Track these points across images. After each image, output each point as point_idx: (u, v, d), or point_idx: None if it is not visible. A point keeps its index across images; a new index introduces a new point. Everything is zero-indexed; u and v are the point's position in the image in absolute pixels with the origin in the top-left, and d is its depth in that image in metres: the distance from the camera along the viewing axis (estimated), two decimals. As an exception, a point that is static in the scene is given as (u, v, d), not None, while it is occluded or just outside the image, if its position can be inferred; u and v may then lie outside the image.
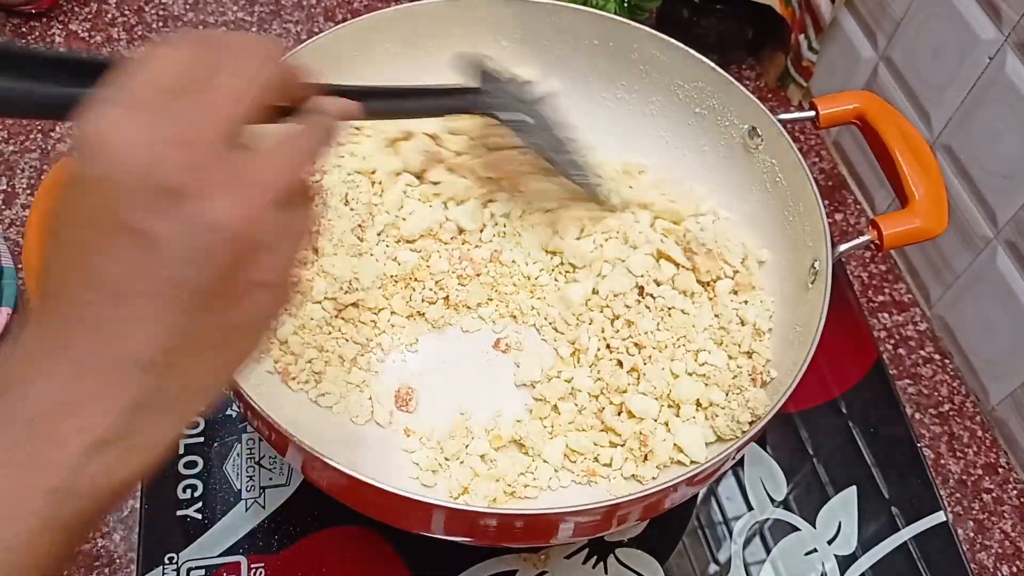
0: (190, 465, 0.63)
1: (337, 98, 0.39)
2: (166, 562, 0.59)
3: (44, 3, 1.55)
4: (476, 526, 0.51)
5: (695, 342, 0.62)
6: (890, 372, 0.78)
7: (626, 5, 1.46)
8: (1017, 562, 1.12)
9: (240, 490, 0.62)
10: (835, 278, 0.56)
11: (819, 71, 1.53)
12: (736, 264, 0.64)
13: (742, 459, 0.66)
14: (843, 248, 0.58)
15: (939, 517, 0.65)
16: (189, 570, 0.59)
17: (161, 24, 1.60)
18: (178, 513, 0.61)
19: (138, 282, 0.30)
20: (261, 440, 0.64)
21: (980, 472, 1.19)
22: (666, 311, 0.63)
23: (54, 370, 0.31)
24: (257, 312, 0.33)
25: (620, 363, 0.61)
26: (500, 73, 0.57)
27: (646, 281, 0.63)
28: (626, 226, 0.67)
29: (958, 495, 1.15)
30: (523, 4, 0.68)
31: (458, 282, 0.64)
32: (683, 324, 0.62)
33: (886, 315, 1.38)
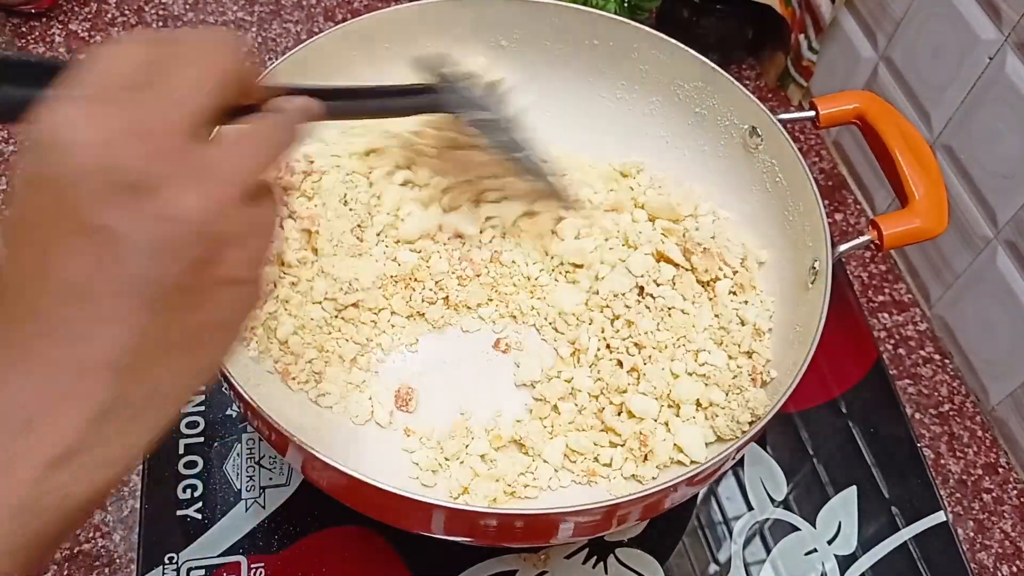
0: (190, 465, 0.63)
1: (298, 96, 0.38)
2: (166, 562, 0.59)
3: (44, 3, 1.55)
4: (476, 526, 0.51)
5: (695, 342, 0.62)
6: (890, 372, 0.78)
7: (626, 5, 1.46)
8: (1017, 562, 1.12)
9: (240, 490, 0.62)
10: (835, 278, 0.56)
11: (819, 71, 1.54)
12: (736, 264, 0.64)
13: (742, 459, 0.66)
14: (843, 248, 0.58)
15: (939, 517, 0.65)
16: (189, 570, 0.59)
17: (161, 24, 1.60)
18: (178, 513, 0.61)
19: (100, 282, 0.29)
20: (261, 440, 0.64)
21: (980, 472, 1.19)
22: (666, 311, 0.63)
23: (13, 380, 0.29)
24: (227, 311, 0.32)
25: (620, 363, 0.61)
26: (457, 75, 0.57)
27: (646, 281, 0.63)
28: (626, 226, 0.67)
29: (958, 495, 1.15)
30: (523, 4, 0.68)
31: (458, 283, 0.64)
32: (683, 324, 0.62)
33: (886, 315, 1.38)
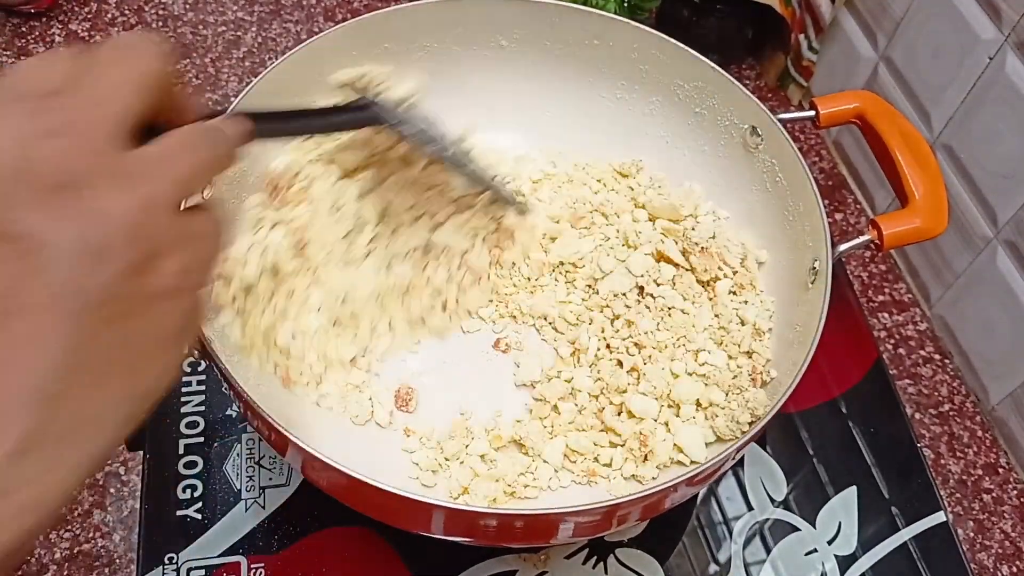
0: (190, 465, 0.63)
1: (229, 116, 0.35)
2: (166, 562, 0.59)
3: (44, 3, 1.55)
4: (476, 526, 0.51)
5: (695, 342, 0.62)
6: (890, 372, 0.78)
7: (626, 5, 1.46)
8: (1017, 562, 1.12)
9: (240, 490, 0.62)
10: (835, 278, 0.56)
11: (819, 71, 1.54)
12: (736, 264, 0.64)
13: (742, 459, 0.66)
14: (843, 248, 0.58)
15: (939, 517, 0.65)
16: (189, 570, 0.59)
17: (161, 24, 1.60)
18: (178, 513, 0.61)
19: (22, 295, 0.26)
20: (261, 440, 0.64)
21: (980, 472, 1.19)
22: (666, 311, 0.63)
23: None
24: (163, 327, 0.29)
25: (620, 363, 0.61)
26: (379, 98, 0.55)
27: (646, 281, 0.63)
28: (626, 226, 0.67)
29: (958, 495, 1.15)
30: (523, 4, 0.68)
31: (458, 290, 0.63)
32: (683, 324, 0.62)
33: (886, 315, 1.38)
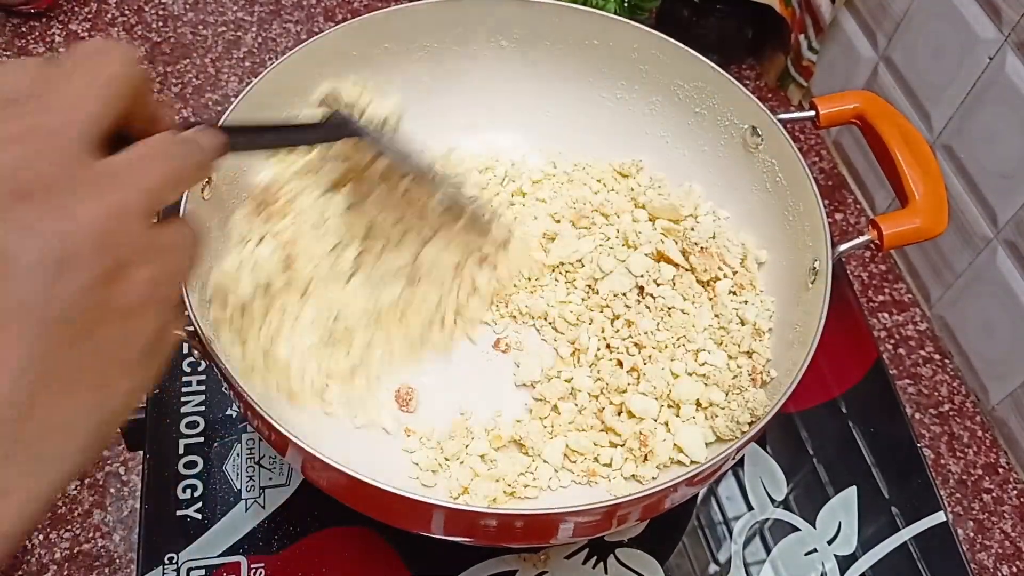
0: (190, 465, 0.63)
1: (202, 128, 0.35)
2: (166, 562, 0.59)
3: (44, 3, 1.55)
4: (476, 526, 0.51)
5: (695, 342, 0.62)
6: (890, 372, 0.78)
7: (626, 5, 1.46)
8: (1017, 562, 1.12)
9: (240, 490, 0.62)
10: (835, 278, 0.56)
11: (819, 71, 1.54)
12: (736, 264, 0.64)
13: (742, 459, 0.66)
14: (843, 248, 0.58)
15: (939, 517, 0.65)
16: (189, 570, 0.59)
17: (161, 24, 1.60)
18: (178, 513, 0.61)
19: None
20: (261, 440, 0.64)
21: (980, 472, 1.19)
22: (666, 311, 0.63)
23: None
24: (134, 338, 0.29)
25: (620, 363, 0.61)
26: (352, 115, 0.54)
27: (646, 281, 0.63)
28: (626, 226, 0.67)
29: (958, 495, 1.15)
30: (523, 4, 0.68)
31: (456, 303, 0.59)
32: (683, 324, 0.62)
33: (886, 315, 1.38)
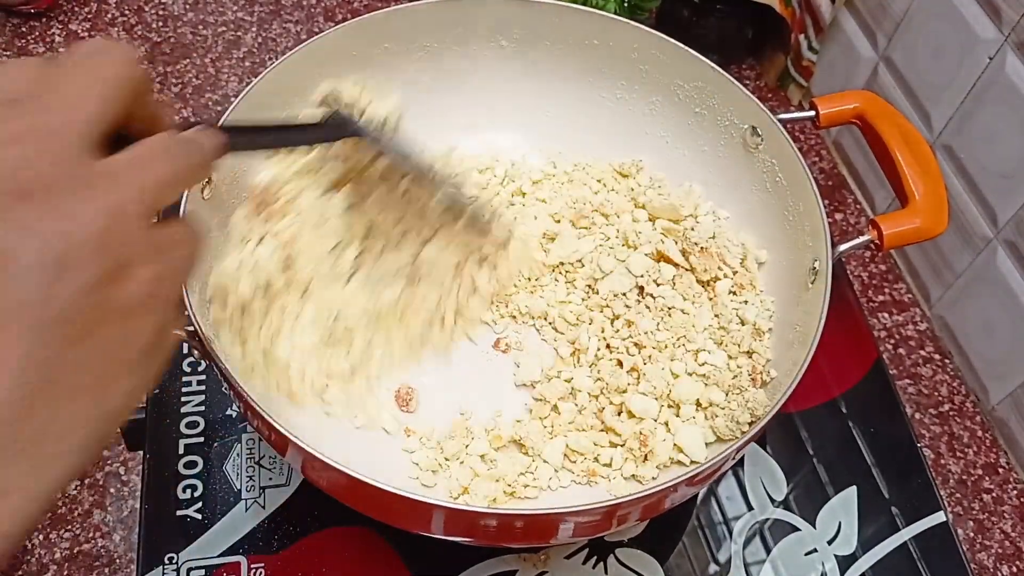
0: (190, 465, 0.63)
1: (202, 127, 0.34)
2: (166, 562, 0.59)
3: (44, 3, 1.55)
4: (476, 526, 0.51)
5: (695, 342, 0.62)
6: (890, 372, 0.78)
7: (626, 5, 1.46)
8: (1017, 562, 1.12)
9: (240, 490, 0.62)
10: (835, 278, 0.56)
11: (819, 71, 1.54)
12: (736, 264, 0.64)
13: (742, 459, 0.66)
14: (843, 248, 0.58)
15: (939, 517, 0.65)
16: (189, 570, 0.59)
17: (161, 24, 1.60)
18: (178, 513, 0.61)
19: None
20: (261, 440, 0.64)
21: (980, 472, 1.19)
22: (666, 311, 0.63)
23: None
24: (134, 340, 0.29)
25: (620, 363, 0.61)
26: (352, 115, 0.53)
27: (646, 281, 0.63)
28: (626, 226, 0.67)
29: (958, 495, 1.15)
30: (523, 4, 0.68)
31: (456, 303, 0.59)
32: (683, 324, 0.62)
33: (886, 315, 1.38)
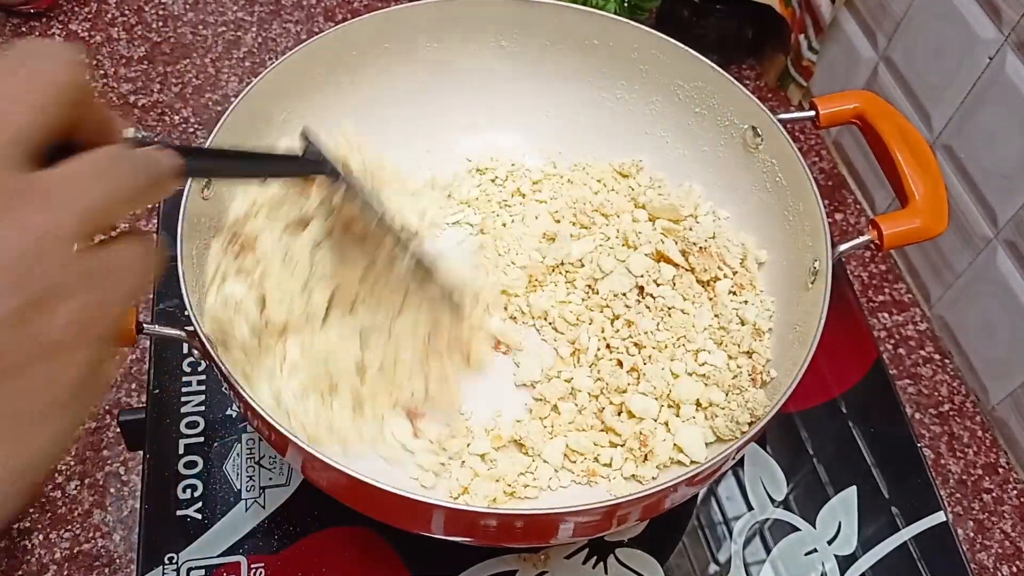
0: (190, 465, 0.63)
1: (159, 147, 0.31)
2: (166, 562, 0.59)
3: (44, 3, 1.55)
4: (476, 526, 0.51)
5: (695, 342, 0.62)
6: (890, 372, 0.78)
7: (626, 5, 1.46)
8: (1017, 562, 1.12)
9: (240, 490, 0.62)
10: (835, 278, 0.56)
11: (819, 71, 1.54)
12: (735, 264, 0.64)
13: (742, 459, 0.66)
14: (843, 248, 0.58)
15: (939, 517, 0.65)
16: (189, 570, 0.59)
17: (161, 24, 1.60)
18: (178, 513, 0.61)
19: None
20: (261, 440, 0.64)
21: (980, 472, 1.19)
22: (666, 311, 0.63)
23: None
24: (57, 383, 0.25)
25: (620, 363, 0.61)
26: (325, 152, 0.49)
27: (646, 281, 0.63)
28: (626, 226, 0.67)
29: (958, 495, 1.15)
30: (523, 4, 0.68)
31: (427, 390, 0.56)
32: (683, 324, 0.62)
33: (886, 315, 1.38)
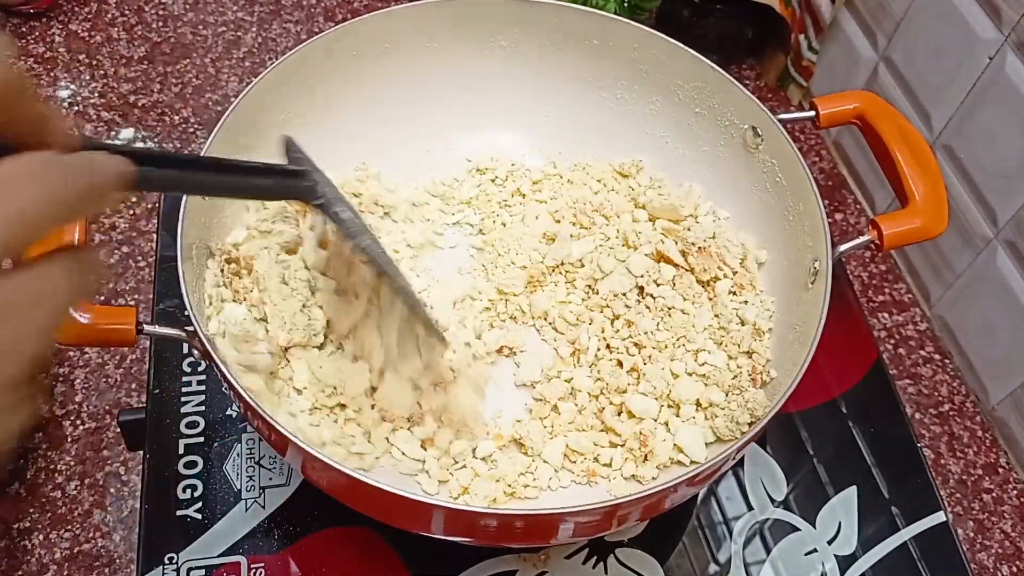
0: (190, 465, 0.63)
1: (105, 151, 0.28)
2: (166, 562, 0.59)
3: (44, 3, 1.55)
4: (476, 526, 0.51)
5: (695, 342, 0.62)
6: (890, 372, 0.78)
7: (626, 5, 1.46)
8: (1017, 562, 1.12)
9: (240, 490, 0.62)
10: (835, 278, 0.56)
11: (819, 71, 1.54)
12: (735, 264, 0.64)
13: (742, 459, 0.66)
14: (843, 248, 0.58)
15: (939, 517, 0.65)
16: (189, 570, 0.59)
17: (161, 24, 1.60)
18: (178, 513, 0.61)
19: None
20: (261, 440, 0.64)
21: (980, 472, 1.19)
22: (666, 311, 0.63)
23: None
24: None
25: (620, 363, 0.61)
26: (309, 168, 0.46)
27: (646, 281, 0.63)
28: (626, 226, 0.67)
29: (958, 495, 1.15)
30: (523, 4, 0.68)
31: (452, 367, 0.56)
32: (683, 324, 0.62)
33: (886, 315, 1.38)
